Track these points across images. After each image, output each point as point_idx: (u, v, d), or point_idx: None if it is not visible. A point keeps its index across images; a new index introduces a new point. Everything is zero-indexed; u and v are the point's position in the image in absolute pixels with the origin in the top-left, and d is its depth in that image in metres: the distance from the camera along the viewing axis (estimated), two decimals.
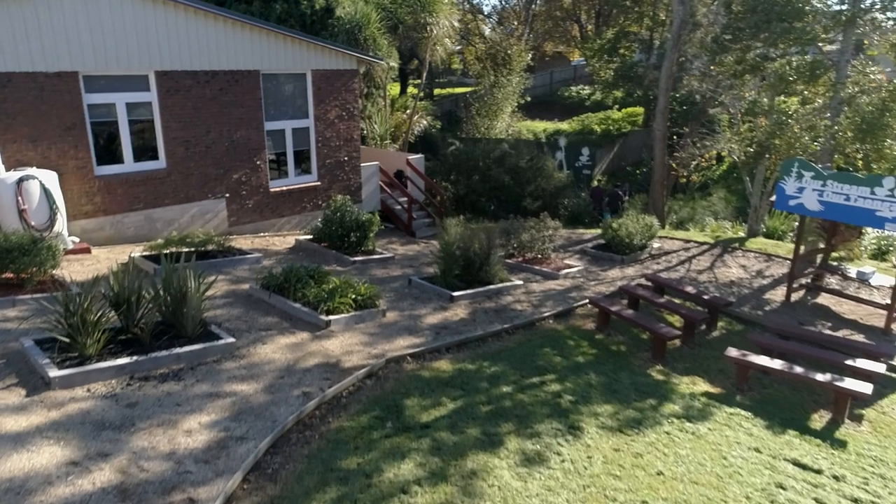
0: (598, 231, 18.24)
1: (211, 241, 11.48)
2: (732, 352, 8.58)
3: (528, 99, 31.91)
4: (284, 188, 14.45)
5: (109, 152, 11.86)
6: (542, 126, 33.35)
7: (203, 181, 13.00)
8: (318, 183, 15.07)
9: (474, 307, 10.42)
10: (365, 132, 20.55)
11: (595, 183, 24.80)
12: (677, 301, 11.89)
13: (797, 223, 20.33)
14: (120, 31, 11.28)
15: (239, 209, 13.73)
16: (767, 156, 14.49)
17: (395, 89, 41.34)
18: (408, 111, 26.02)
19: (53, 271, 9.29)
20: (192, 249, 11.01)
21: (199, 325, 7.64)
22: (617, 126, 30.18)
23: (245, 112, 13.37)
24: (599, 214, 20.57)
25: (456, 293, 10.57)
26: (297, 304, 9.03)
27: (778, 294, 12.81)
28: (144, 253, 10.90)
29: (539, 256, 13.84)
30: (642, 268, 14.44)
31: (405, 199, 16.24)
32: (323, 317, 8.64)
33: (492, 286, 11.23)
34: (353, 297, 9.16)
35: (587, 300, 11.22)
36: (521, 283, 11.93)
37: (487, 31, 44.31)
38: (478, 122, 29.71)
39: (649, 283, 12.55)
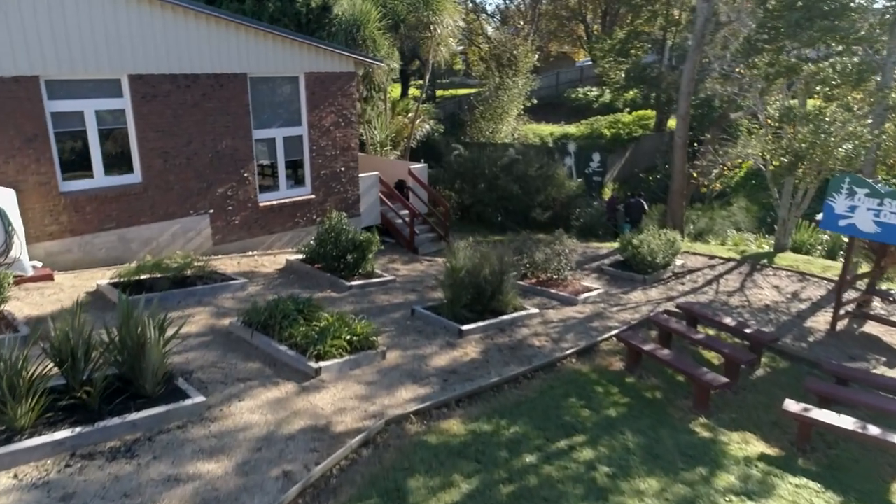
0: (615, 245, 17.01)
1: (190, 265, 10.24)
2: (792, 406, 7.32)
3: (535, 101, 30.64)
4: (275, 202, 13.21)
5: (77, 166, 10.62)
6: (548, 129, 32.10)
7: (184, 196, 11.76)
8: (313, 196, 13.83)
9: (486, 343, 9.18)
10: (364, 138, 19.31)
11: (608, 191, 23.57)
12: (712, 332, 10.64)
13: (825, 235, 19.18)
14: (87, 30, 10.04)
15: (224, 226, 12.49)
16: (801, 166, 13.22)
17: (395, 91, 40.14)
18: (409, 115, 24.79)
19: (1, 306, 8.05)
20: (168, 276, 9.76)
21: (163, 380, 6.40)
22: (627, 130, 28.92)
23: (231, 119, 12.13)
24: (614, 226, 19.31)
25: (465, 327, 9.32)
26: (282, 347, 7.79)
27: (820, 321, 11.56)
28: (113, 280, 9.65)
29: (554, 277, 12.58)
30: (666, 289, 13.19)
31: (407, 211, 14.99)
32: (312, 363, 7.40)
33: (505, 317, 9.99)
34: (348, 337, 7.92)
35: (612, 333, 9.97)
36: (536, 311, 10.68)
37: (491, 31, 43.10)
38: (482, 125, 28.47)
39: (679, 311, 11.30)
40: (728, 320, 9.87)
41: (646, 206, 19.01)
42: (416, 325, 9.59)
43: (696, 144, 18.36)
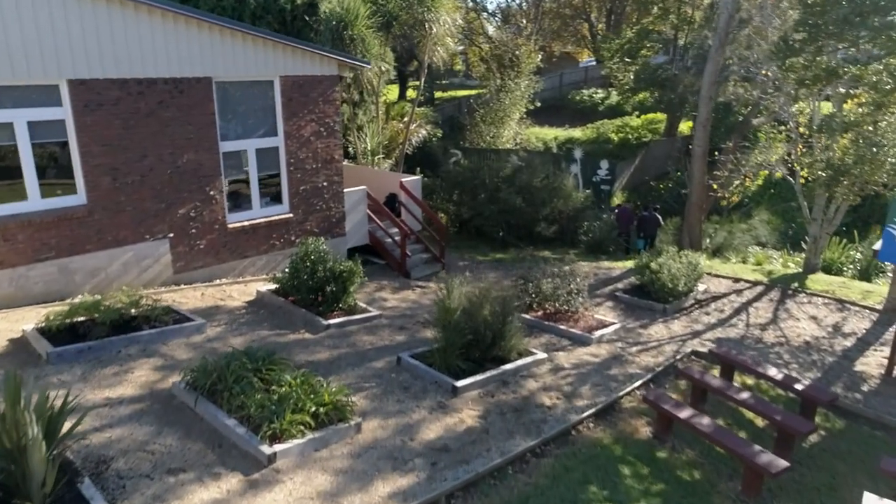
0: (628, 265, 15.47)
1: (137, 303, 8.70)
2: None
3: (538, 104, 29.10)
4: (247, 223, 11.67)
5: (6, 187, 9.08)
6: (552, 133, 30.55)
7: (138, 219, 10.22)
8: (291, 215, 12.28)
9: (486, 402, 7.63)
10: (353, 147, 17.77)
11: (617, 201, 22.00)
12: (750, 380, 9.09)
13: (857, 253, 17.60)
14: (14, 27, 8.50)
15: (187, 252, 10.94)
16: (842, 182, 11.68)
17: (392, 92, 38.61)
18: (405, 119, 23.24)
19: None
20: (108, 319, 8.22)
21: (56, 488, 4.85)
22: (636, 134, 27.36)
23: (193, 130, 10.59)
24: (626, 241, 17.76)
25: (460, 382, 7.77)
26: (231, 421, 6.24)
27: (871, 363, 10.00)
28: (41, 325, 8.11)
29: (564, 309, 11.03)
30: (690, 321, 11.65)
31: (399, 230, 13.41)
32: (265, 447, 5.85)
33: (508, 366, 8.44)
34: (314, 408, 6.36)
35: (635, 386, 8.42)
36: (544, 355, 9.13)
37: (492, 31, 41.54)
38: (482, 129, 26.92)
39: (707, 351, 9.75)
40: (773, 372, 8.31)
41: (661, 221, 17.46)
42: (401, 379, 8.03)
43: (716, 153, 16.75)
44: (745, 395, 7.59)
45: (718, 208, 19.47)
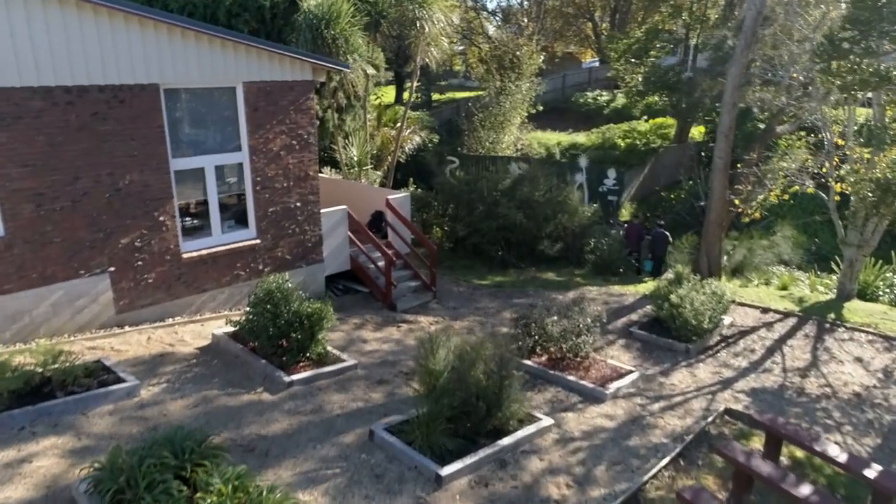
0: (641, 289, 13.91)
1: (55, 359, 7.14)
2: None
3: (540, 108, 27.50)
4: (205, 252, 10.10)
5: None
6: (555, 138, 28.94)
7: (70, 252, 8.66)
8: (258, 240, 10.71)
9: (478, 497, 6.06)
10: (339, 157, 16.19)
11: (625, 213, 20.42)
12: (800, 453, 7.51)
13: (892, 272, 16.03)
14: None
15: (132, 288, 9.37)
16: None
17: (389, 95, 37.04)
18: (398, 125, 21.67)
19: None
20: (13, 386, 6.65)
21: None
22: (644, 140, 25.76)
23: (138, 146, 9.03)
24: (636, 261, 16.17)
25: (446, 470, 6.20)
26: None
27: None
28: None
29: (572, 355, 9.44)
30: (718, 365, 10.07)
31: (382, 255, 11.82)
32: None
33: (506, 440, 6.88)
34: None
35: (662, 465, 6.85)
36: (550, 421, 7.56)
37: (492, 31, 39.95)
38: (481, 134, 25.28)
39: (745, 413, 8.18)
40: (834, 451, 6.71)
41: (669, 238, 15.85)
42: (374, 462, 6.46)
43: (738, 165, 15.15)
44: (805, 489, 5.99)
45: (737, 223, 17.91)
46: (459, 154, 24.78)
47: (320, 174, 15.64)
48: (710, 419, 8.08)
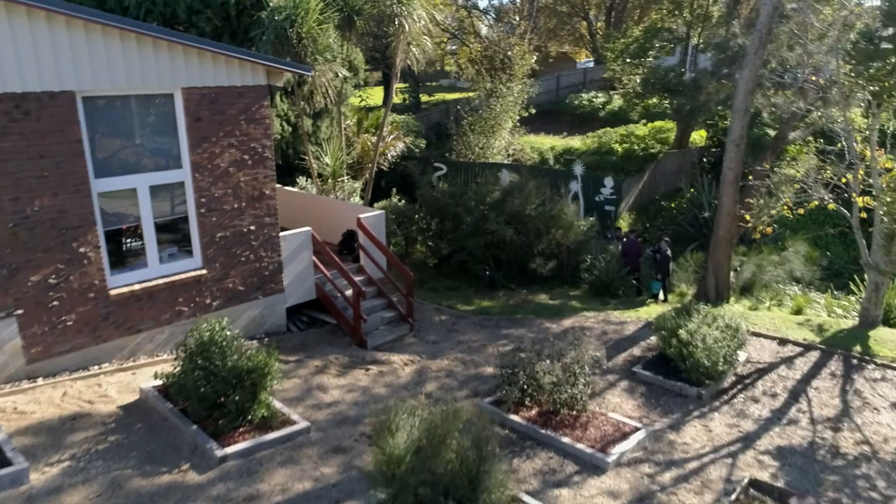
0: (642, 315, 12.55)
1: None
2: None
3: (533, 111, 26.14)
4: (139, 286, 8.65)
5: None
6: (549, 143, 27.56)
7: None
8: (204, 271, 9.27)
9: None
10: (311, 168, 14.74)
11: (624, 224, 19.05)
12: None
13: None
14: None
15: (47, 333, 7.92)
16: None
17: (376, 96, 35.58)
18: (378, 131, 20.24)
19: None
20: None
21: None
22: (643, 145, 24.39)
23: (50, 165, 7.58)
24: (636, 280, 14.78)
25: None
26: None
27: None
28: None
29: (566, 409, 8.04)
30: (735, 414, 8.71)
31: (353, 283, 10.39)
32: None
33: None
34: None
35: None
36: None
37: (485, 30, 38.56)
38: (471, 139, 23.89)
39: (774, 490, 6.80)
40: None
41: (669, 253, 14.44)
42: None
43: (749, 178, 13.77)
44: None
45: (745, 237, 16.58)
46: (447, 160, 23.40)
47: (288, 188, 14.24)
48: (733, 496, 6.69)
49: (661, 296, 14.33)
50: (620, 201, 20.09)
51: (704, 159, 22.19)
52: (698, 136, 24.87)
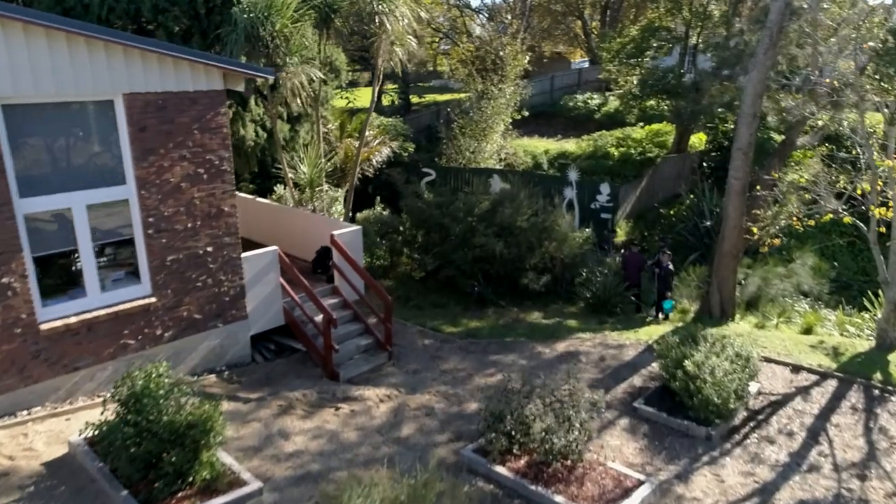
0: (642, 337, 11.61)
1: None
2: None
3: (526, 114, 25.18)
4: (76, 319, 7.64)
5: None
6: (542, 146, 26.59)
7: None
8: (153, 299, 8.26)
9: None
10: (286, 177, 13.71)
11: (620, 233, 18.09)
12: None
13: None
14: None
15: None
16: None
17: (364, 97, 34.54)
18: (360, 136, 19.24)
19: None
20: None
21: None
22: (640, 149, 23.43)
23: None
24: (636, 297, 13.83)
25: None
26: None
27: None
28: None
29: (560, 459, 7.05)
30: (749, 459, 7.78)
31: (323, 309, 9.40)
32: None
33: None
34: None
35: None
36: None
37: (478, 30, 37.58)
38: (462, 143, 22.91)
39: None
40: None
41: (672, 268, 13.47)
42: None
43: (757, 188, 12.80)
44: None
45: (750, 248, 15.64)
46: (436, 166, 22.42)
47: (260, 199, 13.23)
48: None
49: (662, 315, 13.41)
50: (617, 209, 19.13)
51: (704, 164, 21.26)
52: (697, 140, 23.95)
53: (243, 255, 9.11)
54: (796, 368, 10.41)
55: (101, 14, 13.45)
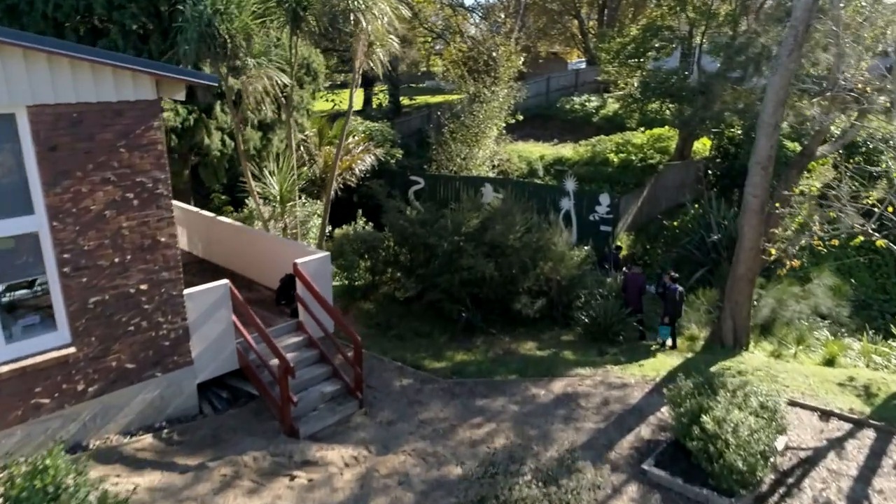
0: (648, 372, 10.35)
1: None
2: None
3: (520, 118, 23.93)
4: None
5: None
6: (538, 151, 25.30)
7: None
8: (73, 349, 6.95)
9: None
10: (252, 192, 12.37)
11: (618, 244, 16.80)
12: None
13: None
14: None
15: None
16: None
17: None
18: (347, 142, 17.93)
19: None
20: None
21: None
22: (641, 155, 22.17)
23: None
24: (639, 322, 12.55)
25: None
26: None
27: None
28: None
29: None
30: None
31: (293, 340, 8.09)
32: None
33: None
34: None
35: None
36: None
37: (473, 30, 36.26)
38: (453, 148, 21.62)
39: None
40: None
41: (684, 294, 12.20)
42: None
43: (777, 206, 11.48)
44: None
45: (766, 269, 14.38)
46: (425, 174, 21.13)
47: (221, 218, 11.91)
48: None
49: (669, 342, 12.16)
50: (618, 221, 17.85)
51: (710, 172, 19.99)
52: (700, 145, 22.69)
53: (186, 291, 7.79)
54: (826, 414, 9.15)
55: (47, 11, 12.13)
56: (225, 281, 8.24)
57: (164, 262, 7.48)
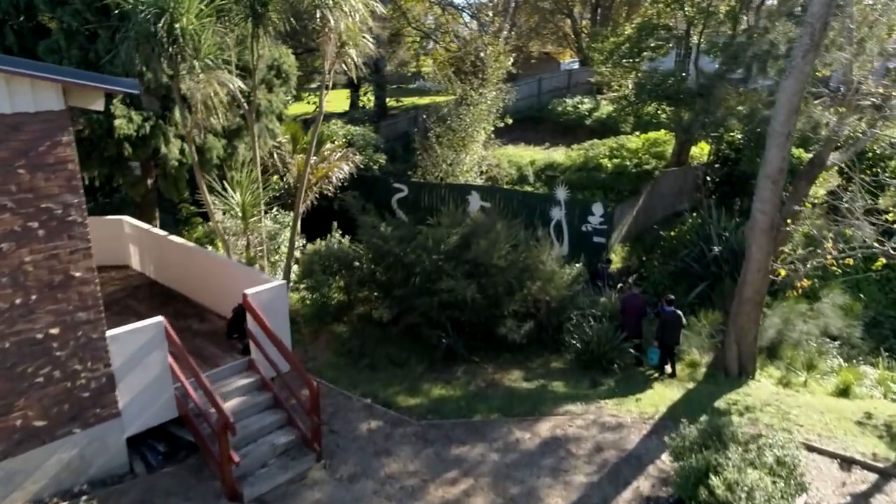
0: (646, 408, 9.31)
1: None
2: None
3: (509, 121, 22.87)
4: None
5: None
6: (528, 155, 24.26)
7: None
8: None
9: None
10: (209, 207, 11.23)
11: (615, 258, 15.76)
12: None
13: None
14: None
15: None
16: None
17: (335, 100, 32.10)
18: (326, 147, 16.82)
19: None
20: None
21: None
22: (635, 160, 21.11)
23: None
24: (637, 348, 11.50)
25: None
26: None
27: None
28: None
29: None
30: None
31: (244, 381, 6.98)
32: None
33: None
34: None
35: None
36: None
37: (462, 30, 35.18)
38: (439, 154, 20.52)
39: None
40: None
41: (683, 319, 11.16)
42: None
43: (788, 222, 10.43)
44: None
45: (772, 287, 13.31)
46: (409, 181, 20.03)
47: (173, 238, 10.79)
48: None
49: (668, 369, 11.14)
50: (612, 232, 16.79)
51: (708, 178, 18.98)
52: (698, 150, 21.68)
53: (110, 333, 6.68)
54: (846, 462, 8.11)
55: None
56: (159, 318, 7.13)
57: (80, 300, 6.36)
